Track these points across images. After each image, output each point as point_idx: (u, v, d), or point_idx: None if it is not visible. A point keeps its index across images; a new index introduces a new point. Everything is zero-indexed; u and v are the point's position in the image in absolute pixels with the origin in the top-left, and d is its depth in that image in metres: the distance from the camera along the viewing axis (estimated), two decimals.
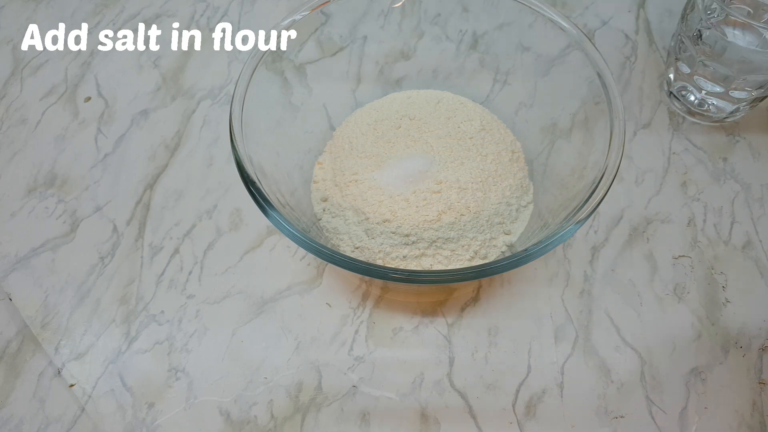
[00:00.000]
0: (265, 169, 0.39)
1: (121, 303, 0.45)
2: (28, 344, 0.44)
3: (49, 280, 0.46)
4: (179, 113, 0.55)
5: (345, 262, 0.34)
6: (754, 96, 0.47)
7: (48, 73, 0.58)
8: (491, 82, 0.50)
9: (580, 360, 0.42)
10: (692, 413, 0.40)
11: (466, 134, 0.46)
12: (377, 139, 0.47)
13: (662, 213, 0.48)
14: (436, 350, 0.43)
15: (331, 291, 0.45)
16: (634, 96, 0.54)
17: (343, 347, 0.43)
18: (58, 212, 0.50)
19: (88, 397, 0.42)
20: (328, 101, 0.49)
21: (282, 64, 0.44)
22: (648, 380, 0.41)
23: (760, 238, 0.47)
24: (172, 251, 0.47)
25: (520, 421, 0.40)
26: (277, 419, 0.41)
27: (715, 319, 0.44)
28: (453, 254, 0.42)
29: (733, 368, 0.42)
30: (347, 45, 0.49)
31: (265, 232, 0.48)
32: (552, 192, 0.43)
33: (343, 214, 0.44)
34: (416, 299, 0.45)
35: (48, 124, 0.54)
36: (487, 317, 0.44)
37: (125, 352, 0.43)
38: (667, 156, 0.51)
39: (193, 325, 0.44)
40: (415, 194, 0.43)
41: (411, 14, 0.49)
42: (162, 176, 0.51)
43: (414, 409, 0.41)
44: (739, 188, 0.49)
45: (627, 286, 0.45)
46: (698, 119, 0.52)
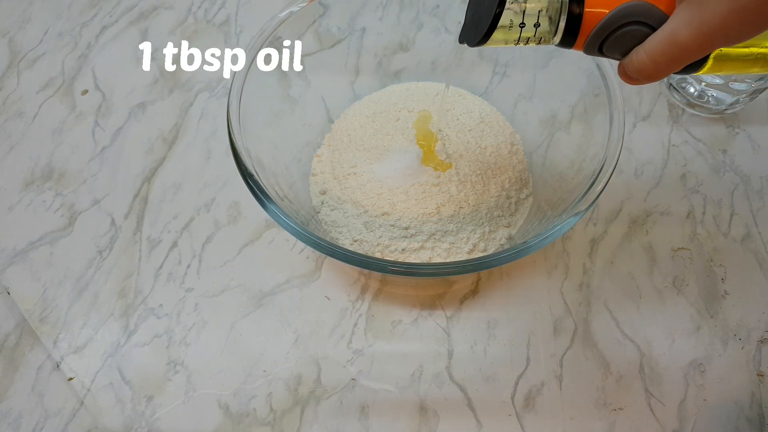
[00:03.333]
0: (263, 162, 0.39)
1: (120, 296, 0.45)
2: (26, 338, 0.44)
3: (47, 273, 0.46)
4: (177, 106, 0.54)
5: (344, 255, 0.34)
6: (753, 88, 0.47)
7: (45, 66, 0.58)
8: (490, 75, 0.50)
9: (579, 352, 0.42)
10: (691, 405, 0.40)
11: (465, 126, 0.46)
12: (376, 131, 0.46)
13: (661, 205, 0.48)
14: (435, 343, 0.43)
15: (330, 284, 0.45)
16: (634, 88, 0.54)
17: (342, 340, 0.43)
18: (55, 206, 0.49)
19: (86, 390, 0.42)
20: (327, 94, 0.49)
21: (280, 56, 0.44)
22: (647, 372, 0.41)
23: (759, 231, 0.46)
24: (171, 245, 0.47)
25: (519, 413, 0.40)
26: (276, 412, 0.41)
27: (714, 312, 0.44)
28: (452, 247, 0.42)
29: (731, 360, 0.42)
30: (345, 37, 0.49)
31: (264, 226, 0.48)
32: (551, 184, 0.43)
33: (342, 207, 0.44)
34: (415, 292, 0.45)
35: (45, 118, 0.54)
36: (486, 310, 0.44)
37: (124, 345, 0.43)
38: (666, 148, 0.51)
39: (192, 318, 0.44)
40: (414, 187, 0.42)
41: (410, 6, 0.49)
42: (160, 169, 0.51)
43: (413, 401, 0.41)
44: (739, 180, 0.49)
45: (626, 278, 0.45)
46: (698, 111, 0.52)
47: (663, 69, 0.25)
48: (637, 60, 0.25)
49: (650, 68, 0.25)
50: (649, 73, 0.25)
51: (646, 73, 0.25)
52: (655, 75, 0.25)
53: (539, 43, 0.29)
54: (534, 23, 0.28)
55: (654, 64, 0.25)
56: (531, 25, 0.28)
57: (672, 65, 0.24)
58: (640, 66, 0.25)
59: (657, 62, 0.24)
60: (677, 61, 0.24)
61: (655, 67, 0.25)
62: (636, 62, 0.25)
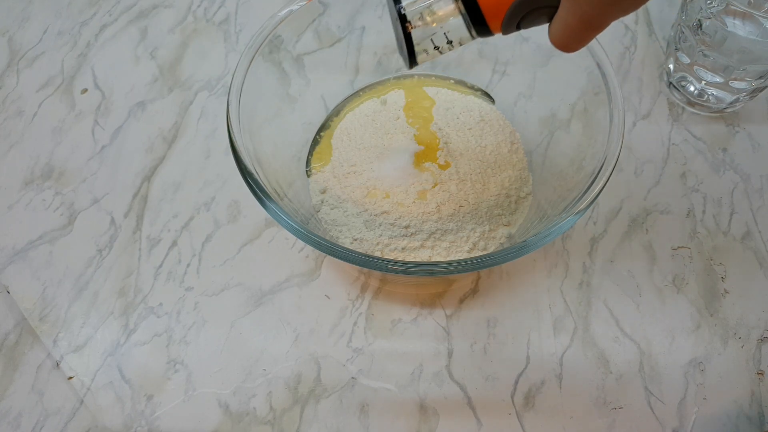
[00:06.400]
0: (262, 160, 0.39)
1: (120, 295, 0.45)
2: (26, 337, 0.44)
3: (47, 272, 0.46)
4: (176, 105, 0.54)
5: (344, 254, 0.34)
6: (754, 86, 0.47)
7: (44, 64, 0.58)
8: (490, 73, 0.50)
9: (578, 351, 0.42)
10: (691, 404, 0.40)
11: (465, 125, 0.46)
12: (376, 130, 0.46)
13: (661, 204, 0.48)
14: (435, 342, 0.43)
15: (330, 283, 0.45)
16: (634, 86, 0.54)
17: (341, 339, 0.43)
18: (55, 204, 0.49)
19: (86, 389, 0.42)
20: (326, 92, 0.49)
21: (279, 54, 0.43)
22: (647, 371, 0.41)
23: (759, 229, 0.46)
24: (170, 243, 0.47)
25: (519, 412, 0.40)
26: (276, 411, 0.41)
27: (714, 310, 0.44)
28: (452, 245, 0.42)
29: (731, 359, 0.42)
30: (345, 36, 0.49)
31: (264, 224, 0.48)
32: (551, 183, 0.43)
33: (342, 206, 0.44)
34: (415, 291, 0.45)
35: (45, 117, 0.54)
36: (486, 309, 0.44)
37: (124, 344, 0.43)
38: (666, 147, 0.50)
39: (192, 317, 0.44)
40: (414, 185, 0.42)
41: None
42: (159, 168, 0.51)
43: (413, 400, 0.41)
44: (739, 179, 0.49)
45: (626, 277, 0.45)
46: (698, 110, 0.52)
47: (574, 46, 0.28)
48: (553, 39, 0.28)
49: (564, 46, 0.28)
50: (566, 49, 0.28)
51: (565, 49, 0.28)
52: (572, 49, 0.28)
53: (466, 43, 0.30)
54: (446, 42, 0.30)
55: (565, 45, 0.28)
56: (445, 43, 0.30)
57: (580, 43, 0.28)
58: (557, 43, 0.28)
59: (567, 44, 0.28)
60: (581, 40, 0.27)
61: (568, 45, 0.28)
62: (553, 40, 0.28)
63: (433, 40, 0.29)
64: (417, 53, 0.30)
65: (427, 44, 0.30)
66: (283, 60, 0.44)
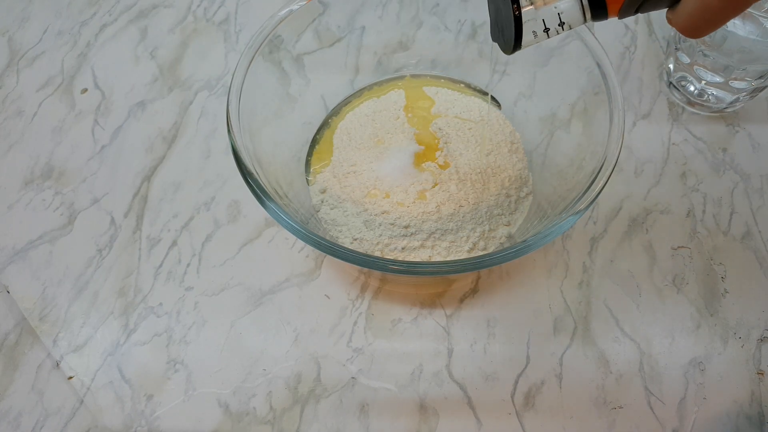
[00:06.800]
0: (262, 160, 0.39)
1: (120, 295, 0.45)
2: (26, 337, 0.44)
3: (47, 272, 0.46)
4: (176, 105, 0.54)
5: (343, 254, 0.34)
6: (754, 86, 0.47)
7: (44, 64, 0.57)
8: (490, 73, 0.50)
9: (578, 351, 0.42)
10: (691, 404, 0.40)
11: (465, 125, 0.46)
12: (376, 130, 0.46)
13: (661, 204, 0.48)
14: (435, 342, 0.43)
15: (330, 283, 0.45)
16: (634, 86, 0.54)
17: (341, 339, 0.43)
18: (55, 204, 0.49)
19: (86, 389, 0.42)
20: (326, 92, 0.49)
21: (279, 54, 0.43)
22: (647, 371, 0.41)
23: (759, 229, 0.46)
24: (170, 243, 0.47)
25: (519, 412, 0.40)
26: (276, 411, 0.41)
27: (714, 310, 0.44)
28: (452, 245, 0.42)
29: (731, 359, 0.42)
30: (345, 35, 0.49)
31: (264, 224, 0.48)
32: (551, 183, 0.43)
33: (342, 206, 0.44)
34: (415, 291, 0.45)
35: (45, 116, 0.54)
36: (486, 308, 0.44)
37: (124, 344, 0.43)
38: (666, 146, 0.50)
39: (192, 317, 0.44)
40: (414, 185, 0.42)
41: (409, 4, 0.49)
42: (159, 168, 0.51)
43: (413, 400, 0.41)
44: (739, 179, 0.49)
45: (626, 277, 0.45)
46: (698, 109, 0.52)
47: (703, 29, 0.26)
48: (681, 23, 0.27)
49: (695, 29, 0.26)
50: (696, 33, 0.27)
51: (694, 34, 0.27)
52: (699, 34, 0.27)
53: (576, 26, 0.29)
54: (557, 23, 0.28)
55: (696, 28, 0.26)
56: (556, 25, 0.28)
57: (715, 25, 0.26)
58: (686, 27, 0.26)
59: (698, 26, 0.26)
60: (714, 23, 0.26)
61: (698, 28, 0.26)
62: (680, 24, 0.27)
63: (545, 21, 0.28)
64: (524, 34, 0.28)
65: (536, 25, 0.28)
66: (283, 60, 0.44)
